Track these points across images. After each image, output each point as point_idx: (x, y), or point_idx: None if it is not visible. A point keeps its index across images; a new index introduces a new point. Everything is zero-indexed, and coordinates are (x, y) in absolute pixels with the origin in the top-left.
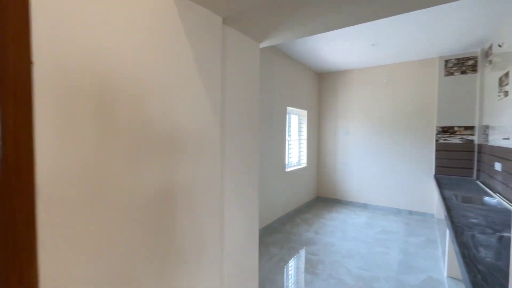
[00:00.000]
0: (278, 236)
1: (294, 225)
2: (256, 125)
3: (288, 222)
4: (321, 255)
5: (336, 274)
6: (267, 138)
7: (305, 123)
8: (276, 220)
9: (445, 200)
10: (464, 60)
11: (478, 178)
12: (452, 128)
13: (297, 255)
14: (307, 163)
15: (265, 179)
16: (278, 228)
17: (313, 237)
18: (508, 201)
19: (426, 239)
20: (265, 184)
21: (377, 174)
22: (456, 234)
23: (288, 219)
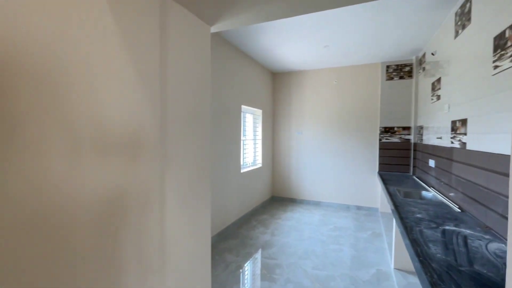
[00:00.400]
0: (234, 242)
1: (250, 228)
2: (207, 122)
3: (244, 225)
4: (279, 258)
5: (294, 278)
6: (222, 137)
7: (260, 122)
8: (232, 224)
9: (391, 196)
10: (402, 66)
11: (414, 174)
12: (393, 129)
13: (254, 260)
14: (262, 163)
15: (220, 181)
16: (233, 233)
17: (270, 239)
18: (442, 195)
19: (372, 233)
20: (220, 187)
21: (329, 172)
22: (407, 231)
23: (244, 222)
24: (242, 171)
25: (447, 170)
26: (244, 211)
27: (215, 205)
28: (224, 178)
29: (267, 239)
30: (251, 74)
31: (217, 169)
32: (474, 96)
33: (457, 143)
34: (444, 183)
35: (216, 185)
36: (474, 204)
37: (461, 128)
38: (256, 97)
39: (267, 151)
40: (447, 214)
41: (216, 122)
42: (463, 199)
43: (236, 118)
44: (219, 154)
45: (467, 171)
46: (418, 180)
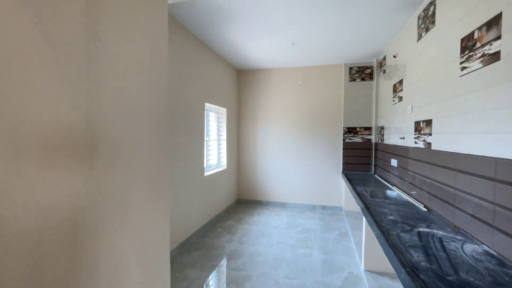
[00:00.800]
0: (198, 253)
1: (216, 236)
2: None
3: (209, 233)
4: (248, 269)
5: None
6: (183, 138)
7: (224, 121)
8: (195, 233)
9: (360, 197)
10: (363, 68)
11: (376, 173)
12: (355, 129)
13: (221, 274)
14: (227, 165)
15: (182, 187)
16: (197, 243)
17: (237, 248)
18: (405, 193)
19: (339, 233)
20: (182, 193)
21: (294, 173)
22: (385, 236)
23: (208, 230)
24: (206, 174)
25: (411, 170)
26: (208, 218)
27: (177, 213)
28: (186, 183)
29: (234, 247)
30: (215, 70)
31: (179, 173)
32: (440, 97)
33: (422, 143)
34: (408, 182)
35: (177, 191)
36: (441, 203)
37: (425, 129)
38: (220, 95)
39: (233, 152)
40: (416, 214)
41: (177, 120)
42: (428, 198)
43: (199, 116)
44: (181, 156)
45: (433, 171)
46: (380, 179)
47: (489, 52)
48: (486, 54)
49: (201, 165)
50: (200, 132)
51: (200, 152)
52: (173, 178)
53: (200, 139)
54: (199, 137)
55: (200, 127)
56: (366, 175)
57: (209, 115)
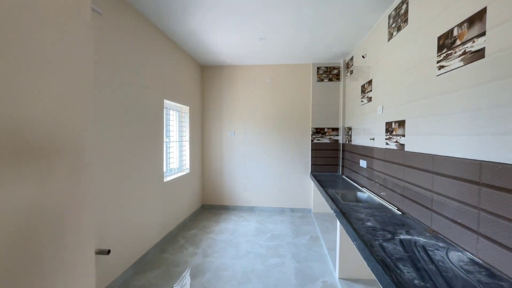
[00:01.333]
0: (156, 273)
1: (177, 249)
2: None
3: (169, 247)
4: (214, 287)
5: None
6: (139, 139)
7: (187, 121)
8: (153, 248)
9: (334, 201)
10: (331, 69)
11: (343, 174)
12: (323, 130)
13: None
14: (191, 168)
15: (137, 196)
16: (155, 260)
17: (202, 262)
18: (376, 195)
19: (310, 237)
20: (137, 202)
21: (262, 175)
22: (369, 248)
23: (169, 242)
24: (166, 179)
25: (381, 171)
26: (169, 228)
27: (130, 227)
28: (143, 191)
29: (198, 262)
30: (176, 64)
31: (133, 180)
32: (414, 97)
33: (394, 145)
34: (379, 184)
35: (130, 201)
36: (416, 207)
37: (398, 130)
38: (182, 92)
39: (196, 155)
40: (393, 218)
41: (130, 118)
42: (401, 200)
43: (157, 115)
44: (136, 160)
45: (406, 173)
46: (349, 180)
47: (471, 49)
48: (468, 52)
49: (160, 169)
50: (158, 132)
51: (159, 155)
52: (127, 187)
53: (159, 141)
54: (158, 138)
55: (159, 127)
56: (334, 176)
57: (170, 113)
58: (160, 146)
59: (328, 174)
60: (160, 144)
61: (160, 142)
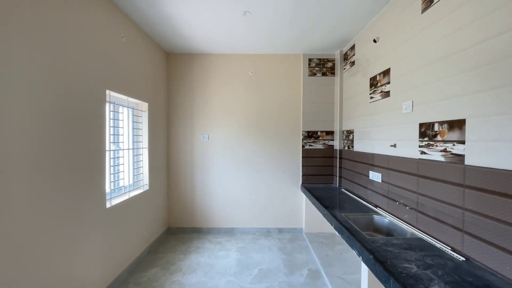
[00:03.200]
0: None
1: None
2: None
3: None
4: None
5: None
6: (57, 149)
7: (145, 122)
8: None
9: (353, 235)
10: (324, 61)
11: (341, 186)
12: (316, 133)
13: None
14: (150, 184)
15: (61, 237)
16: None
17: None
18: (401, 220)
19: (309, 273)
20: (59, 245)
21: (243, 188)
22: None
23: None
24: (111, 203)
25: (413, 190)
26: (115, 273)
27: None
28: (68, 228)
29: None
30: (130, 45)
31: (51, 213)
32: (487, 85)
33: (439, 155)
34: (410, 208)
35: (51, 246)
36: (488, 249)
37: (447, 134)
38: (137, 83)
39: (158, 166)
40: (461, 272)
41: (45, 117)
42: (460, 238)
43: (94, 112)
44: (54, 181)
45: (470, 197)
46: (351, 194)
47: None
48: None
49: (100, 190)
50: (96, 137)
51: (98, 169)
52: (37, 223)
53: (97, 150)
54: (95, 146)
55: (98, 129)
56: (331, 189)
57: (118, 111)
58: (99, 158)
59: (323, 186)
60: (100, 155)
61: (99, 152)
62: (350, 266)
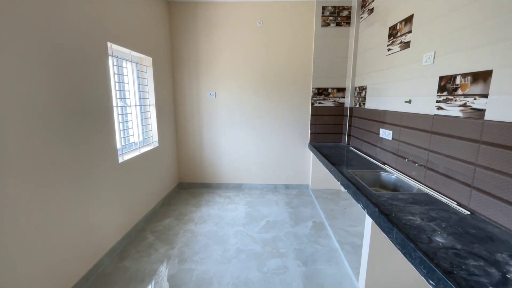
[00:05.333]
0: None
1: (143, 253)
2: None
3: (132, 249)
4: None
5: None
6: (60, 105)
7: (150, 78)
8: (108, 253)
9: (360, 190)
10: (340, 10)
11: (350, 144)
12: (327, 90)
13: None
14: (160, 141)
15: (77, 189)
16: (109, 273)
17: (177, 272)
18: (408, 177)
19: (314, 225)
20: (76, 198)
21: (251, 146)
22: None
23: (132, 242)
24: (123, 159)
25: (424, 147)
26: (132, 222)
27: (70, 231)
28: (83, 182)
29: (171, 272)
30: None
31: (63, 170)
32: None
33: (458, 110)
34: (419, 165)
35: (69, 198)
36: (498, 204)
37: (469, 87)
38: (140, 35)
39: (167, 123)
40: (465, 224)
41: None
42: (467, 193)
43: (97, 66)
44: (63, 138)
45: (484, 154)
46: (359, 152)
47: None
48: None
49: (111, 146)
50: (102, 92)
51: (107, 125)
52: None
53: (105, 105)
54: (102, 101)
55: (103, 83)
56: (339, 147)
57: (122, 65)
58: (107, 114)
59: (331, 144)
60: (108, 111)
61: (107, 108)
62: (354, 219)
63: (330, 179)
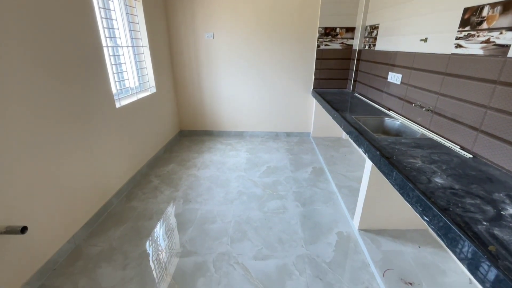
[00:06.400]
0: (118, 233)
1: (149, 193)
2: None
3: (138, 191)
4: (199, 249)
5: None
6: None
7: (140, 14)
8: (115, 195)
9: (362, 134)
10: None
11: (355, 90)
12: (334, 30)
13: (158, 267)
14: (157, 86)
15: (72, 139)
16: (118, 213)
17: (182, 212)
18: (414, 122)
19: (313, 170)
20: (79, 142)
21: (251, 93)
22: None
23: (138, 185)
24: (120, 104)
25: (435, 91)
26: (136, 167)
27: (78, 174)
28: (86, 124)
29: (177, 211)
30: None
31: (53, 116)
32: None
33: (479, 47)
34: (426, 110)
35: (74, 140)
36: (500, 146)
37: (496, 20)
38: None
39: (163, 67)
40: (465, 167)
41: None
42: (473, 137)
43: None
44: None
45: (501, 95)
46: (364, 98)
47: None
48: None
49: (106, 89)
50: (88, 29)
51: (98, 67)
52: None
53: (93, 44)
54: (89, 40)
55: (87, 18)
56: (344, 93)
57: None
58: (97, 54)
59: (336, 91)
60: (97, 50)
61: (96, 47)
62: (353, 165)
63: (331, 127)
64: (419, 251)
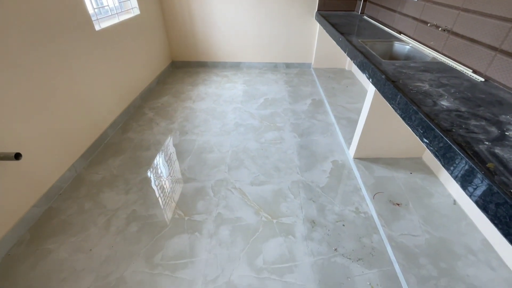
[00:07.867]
0: (118, 162)
1: (144, 126)
2: None
3: (134, 123)
4: (198, 176)
5: (229, 213)
6: None
7: None
8: (109, 128)
9: (368, 58)
10: None
11: (364, 12)
12: None
13: (159, 189)
14: (141, 8)
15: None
16: (116, 143)
17: (180, 142)
18: (426, 46)
19: (312, 102)
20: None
21: (249, 19)
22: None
23: (132, 117)
24: (100, 26)
25: (456, 6)
26: (129, 98)
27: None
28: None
29: (174, 141)
30: None
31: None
32: None
33: None
34: (443, 29)
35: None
36: None
37: None
38: None
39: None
40: (475, 91)
41: None
42: (489, 59)
43: None
44: None
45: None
46: (373, 21)
47: None
48: None
49: (80, 9)
50: None
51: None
52: None
53: None
54: None
55: None
56: (352, 16)
57: None
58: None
59: (343, 14)
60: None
61: None
62: (354, 97)
63: (335, 56)
64: (410, 176)
